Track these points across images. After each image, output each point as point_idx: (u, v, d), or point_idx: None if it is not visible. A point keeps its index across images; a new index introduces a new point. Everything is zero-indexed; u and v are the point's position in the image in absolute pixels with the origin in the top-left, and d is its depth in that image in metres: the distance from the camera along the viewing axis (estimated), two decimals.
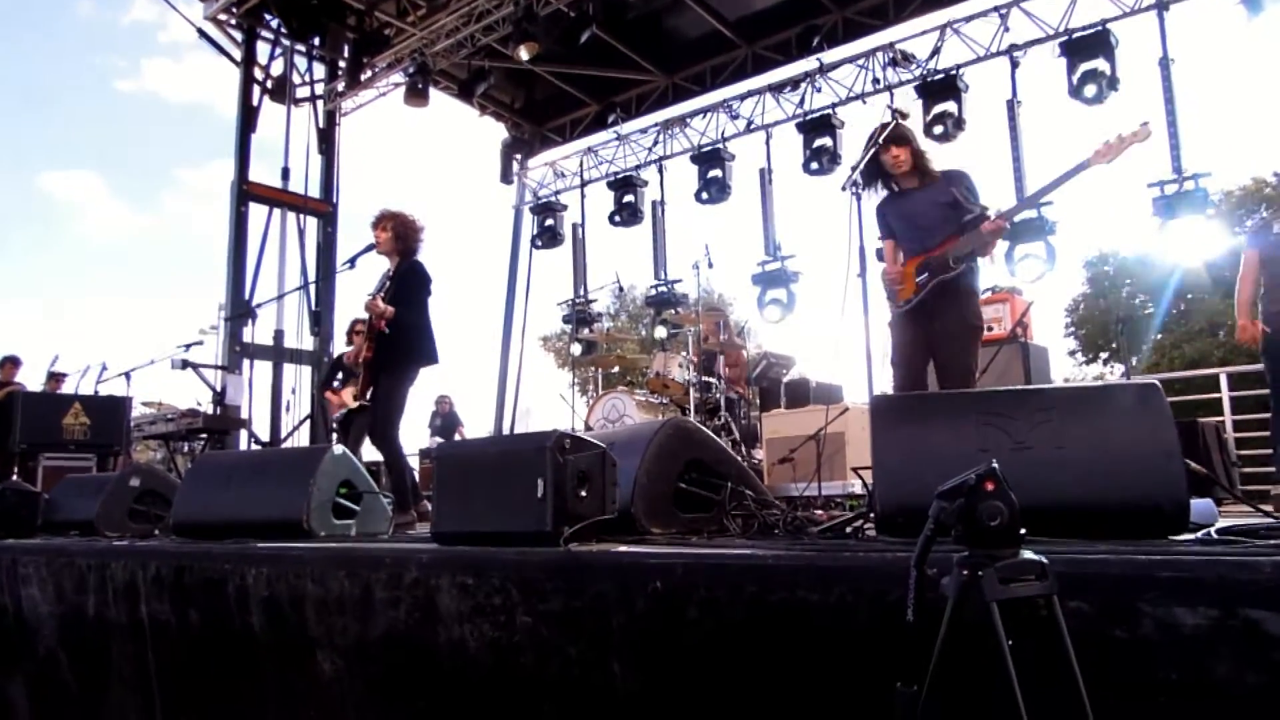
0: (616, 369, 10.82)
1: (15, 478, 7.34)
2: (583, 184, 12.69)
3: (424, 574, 2.69)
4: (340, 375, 7.62)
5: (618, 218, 12.04)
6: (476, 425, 13.73)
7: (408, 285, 5.07)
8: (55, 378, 9.91)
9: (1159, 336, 23.28)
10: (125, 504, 5.07)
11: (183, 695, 3.62)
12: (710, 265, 8.13)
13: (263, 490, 4.05)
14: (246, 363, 10.47)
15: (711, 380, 7.89)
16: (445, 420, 13.37)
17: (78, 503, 5.24)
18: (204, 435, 7.79)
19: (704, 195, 11.20)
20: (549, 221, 12.87)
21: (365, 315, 5.17)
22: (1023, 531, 1.44)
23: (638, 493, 2.97)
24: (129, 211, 59.13)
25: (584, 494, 2.70)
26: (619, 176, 12.13)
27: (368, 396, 5.04)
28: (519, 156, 13.66)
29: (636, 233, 12.07)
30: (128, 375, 8.15)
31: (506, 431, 11.93)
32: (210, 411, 7.58)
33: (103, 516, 4.93)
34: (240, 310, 10.08)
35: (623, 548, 2.54)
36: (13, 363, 9.91)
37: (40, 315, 53.13)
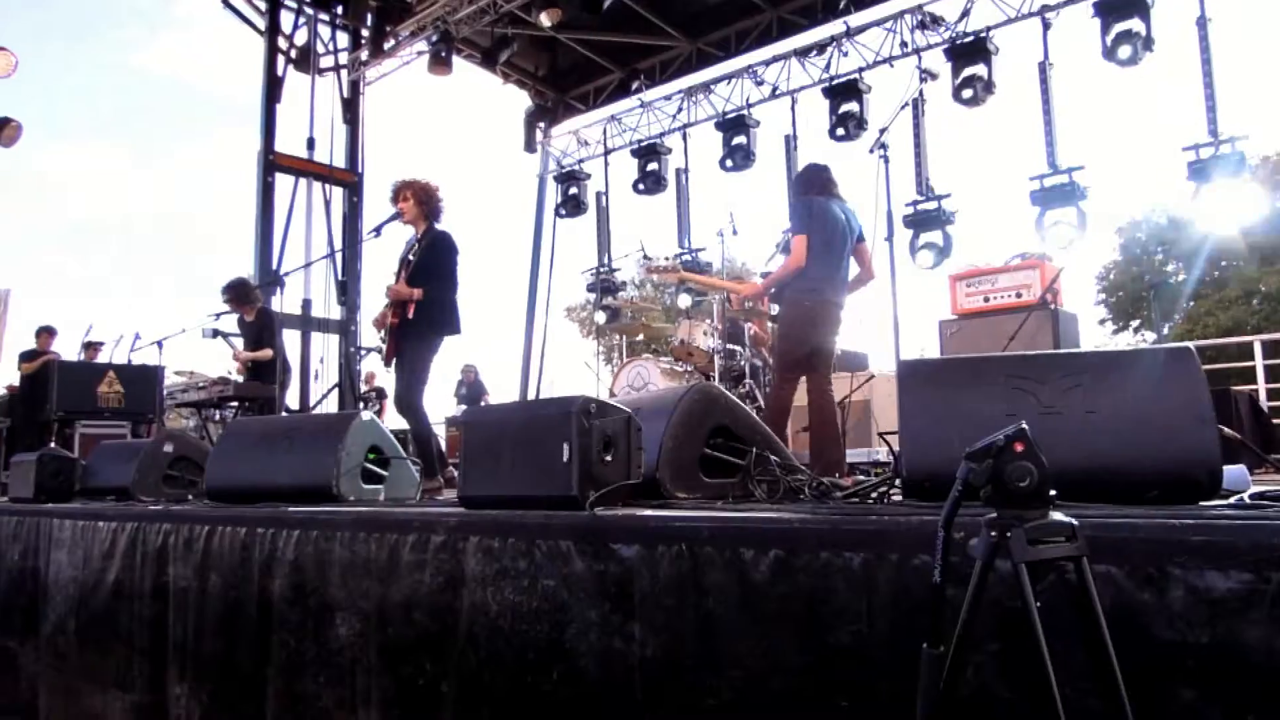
0: (641, 337, 10.77)
1: (53, 445, 7.48)
2: (606, 152, 12.63)
3: (451, 537, 2.72)
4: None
5: (641, 186, 11.98)
6: (501, 395, 13.82)
7: (434, 254, 5.10)
8: (90, 347, 10.07)
9: (1192, 304, 22.92)
10: (160, 470, 5.16)
11: (199, 658, 3.68)
12: (735, 233, 8.09)
13: (293, 455, 4.10)
14: None
15: (736, 348, 7.87)
16: (470, 389, 13.48)
17: (114, 469, 5.34)
18: (234, 403, 7.88)
19: (728, 162, 11.09)
20: (573, 190, 12.82)
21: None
22: (1052, 494, 1.42)
23: (663, 458, 2.97)
24: (157, 183, 59.65)
25: (609, 459, 2.71)
26: (643, 144, 12.04)
27: (393, 364, 5.09)
28: (542, 125, 13.58)
29: (660, 201, 12.01)
30: (160, 344, 8.24)
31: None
32: (240, 379, 7.65)
33: (138, 482, 5.02)
34: (269, 279, 10.15)
35: (648, 511, 2.55)
36: (48, 333, 10.09)
37: (70, 285, 53.78)
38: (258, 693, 3.31)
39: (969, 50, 9.11)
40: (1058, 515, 1.43)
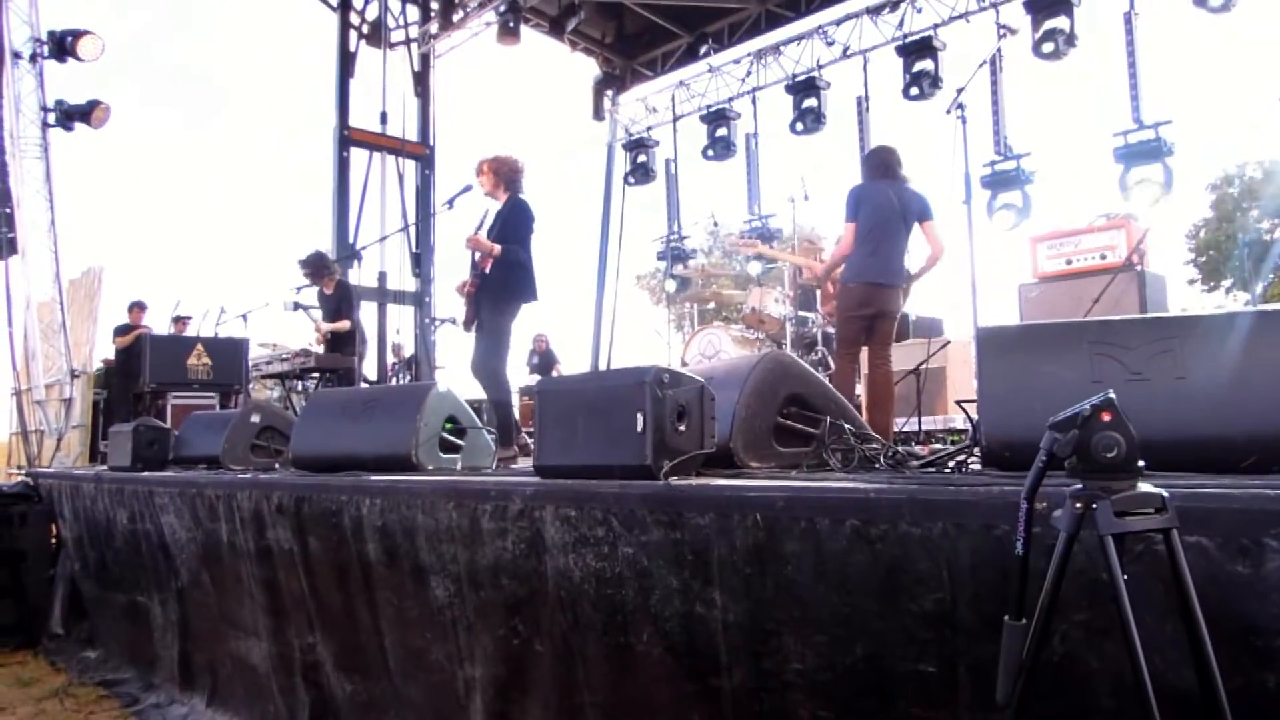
0: (712, 305, 10.76)
1: (145, 416, 7.81)
2: (675, 118, 12.53)
3: (528, 506, 2.77)
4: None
5: (711, 152, 11.88)
6: (572, 363, 13.95)
7: (512, 222, 5.23)
8: (179, 321, 10.46)
9: None
10: (248, 439, 5.34)
11: (310, 616, 3.85)
12: (806, 198, 7.99)
13: (372, 425, 4.21)
14: None
15: (808, 315, 7.80)
16: (542, 358, 13.62)
17: (204, 438, 5.54)
18: (316, 374, 8.12)
19: (799, 126, 10.93)
20: (641, 158, 12.78)
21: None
22: (1141, 464, 1.39)
23: (736, 427, 2.97)
24: (237, 161, 61.26)
25: (683, 428, 2.72)
26: (711, 109, 11.93)
27: (472, 330, 5.22)
28: (610, 93, 13.55)
29: (730, 167, 11.90)
30: (245, 317, 8.53)
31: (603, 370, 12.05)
32: (320, 351, 7.87)
33: (227, 451, 5.20)
34: (346, 253, 10.38)
35: (722, 481, 2.56)
36: (140, 307, 10.50)
37: (158, 260, 55.68)
38: (379, 644, 3.48)
39: (1050, 2, 8.77)
40: (1146, 486, 1.39)
